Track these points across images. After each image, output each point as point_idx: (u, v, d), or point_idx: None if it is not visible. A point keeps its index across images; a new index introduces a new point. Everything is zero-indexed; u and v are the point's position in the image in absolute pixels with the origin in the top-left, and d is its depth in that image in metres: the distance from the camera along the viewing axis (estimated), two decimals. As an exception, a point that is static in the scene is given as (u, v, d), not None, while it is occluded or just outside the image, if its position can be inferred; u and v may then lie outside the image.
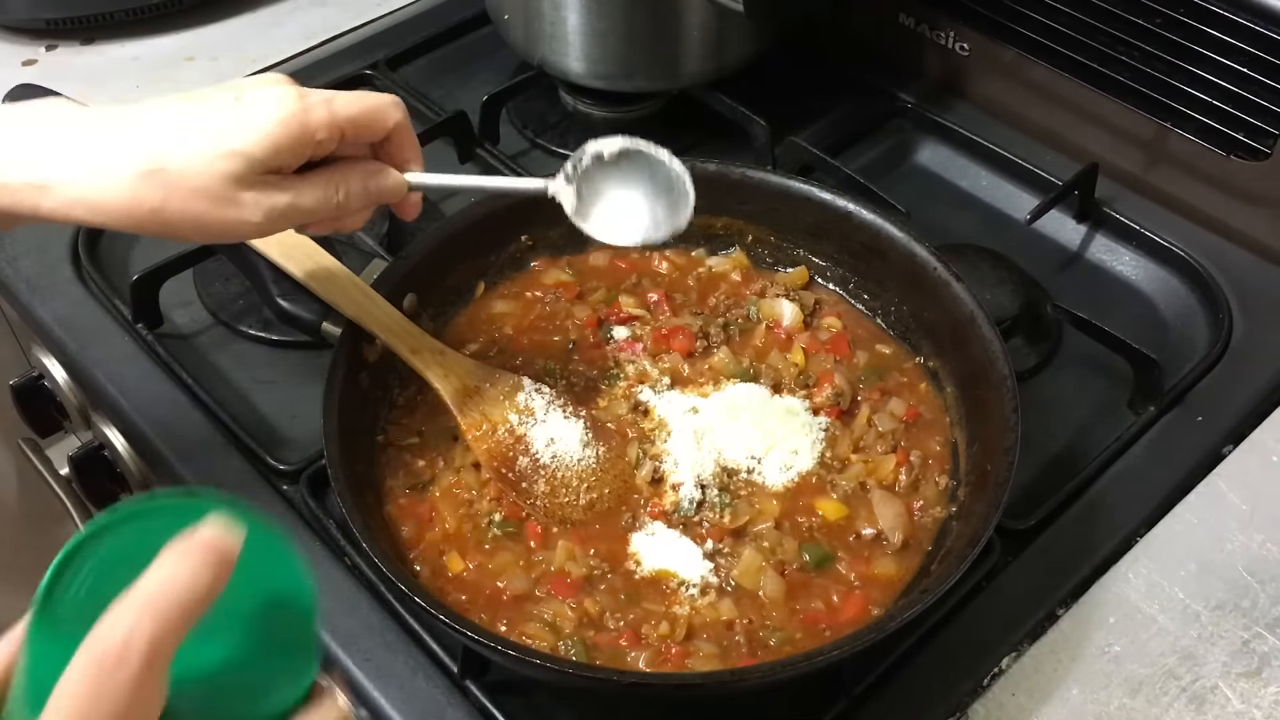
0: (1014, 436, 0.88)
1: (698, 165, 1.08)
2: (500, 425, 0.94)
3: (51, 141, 0.76)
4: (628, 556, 0.91)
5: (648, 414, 0.99)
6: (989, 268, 1.14)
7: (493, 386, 0.96)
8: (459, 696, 0.88)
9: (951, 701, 0.88)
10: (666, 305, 1.08)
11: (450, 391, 0.94)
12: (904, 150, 1.35)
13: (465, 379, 0.95)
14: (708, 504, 0.93)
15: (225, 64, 1.44)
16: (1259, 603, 0.93)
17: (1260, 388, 1.08)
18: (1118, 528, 0.98)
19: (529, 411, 0.96)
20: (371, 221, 1.18)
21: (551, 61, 1.30)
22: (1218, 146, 1.17)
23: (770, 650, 0.85)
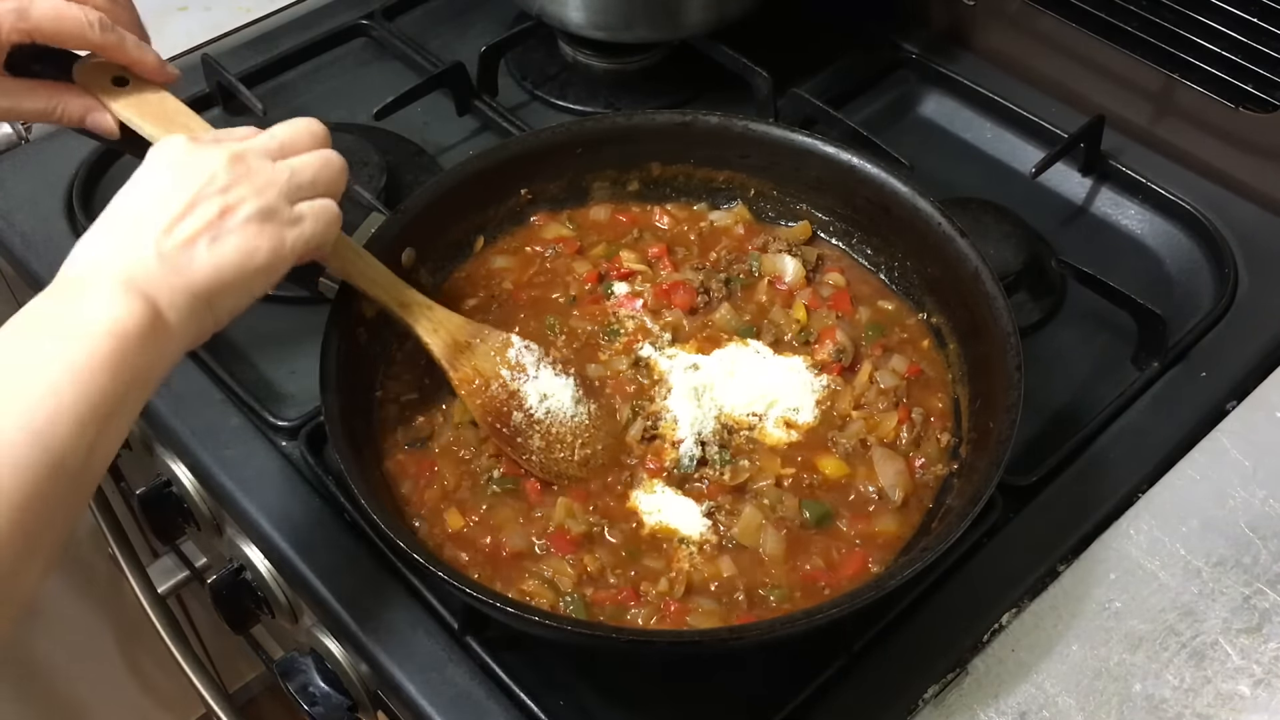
0: (1017, 393, 0.87)
1: (699, 118, 1.08)
2: (493, 380, 0.94)
3: None
4: (628, 513, 0.91)
5: (648, 370, 0.99)
6: (993, 222, 1.13)
7: (483, 342, 0.95)
8: (459, 652, 0.88)
9: (952, 657, 0.88)
10: (667, 260, 1.07)
11: (440, 345, 0.93)
12: (908, 102, 1.34)
13: (455, 334, 0.94)
14: (708, 461, 0.93)
15: (219, 13, 1.42)
16: (1260, 559, 0.93)
17: (1265, 344, 1.08)
18: (1120, 484, 0.98)
19: (520, 368, 0.95)
20: (370, 175, 1.17)
21: (550, 12, 1.28)
22: (1226, 98, 1.16)
23: (770, 608, 0.85)
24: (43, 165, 1.23)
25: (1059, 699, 0.85)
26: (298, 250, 0.81)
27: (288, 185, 0.81)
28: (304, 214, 0.81)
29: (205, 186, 0.77)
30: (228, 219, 0.76)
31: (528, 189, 1.08)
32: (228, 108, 1.30)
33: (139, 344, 0.70)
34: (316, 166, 0.84)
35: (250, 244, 0.77)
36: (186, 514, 1.14)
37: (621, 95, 1.34)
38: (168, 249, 0.74)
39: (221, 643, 1.67)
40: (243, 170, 0.79)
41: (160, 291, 0.73)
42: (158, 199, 0.76)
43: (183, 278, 0.74)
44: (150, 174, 0.79)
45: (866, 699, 0.86)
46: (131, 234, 0.75)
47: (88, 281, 0.72)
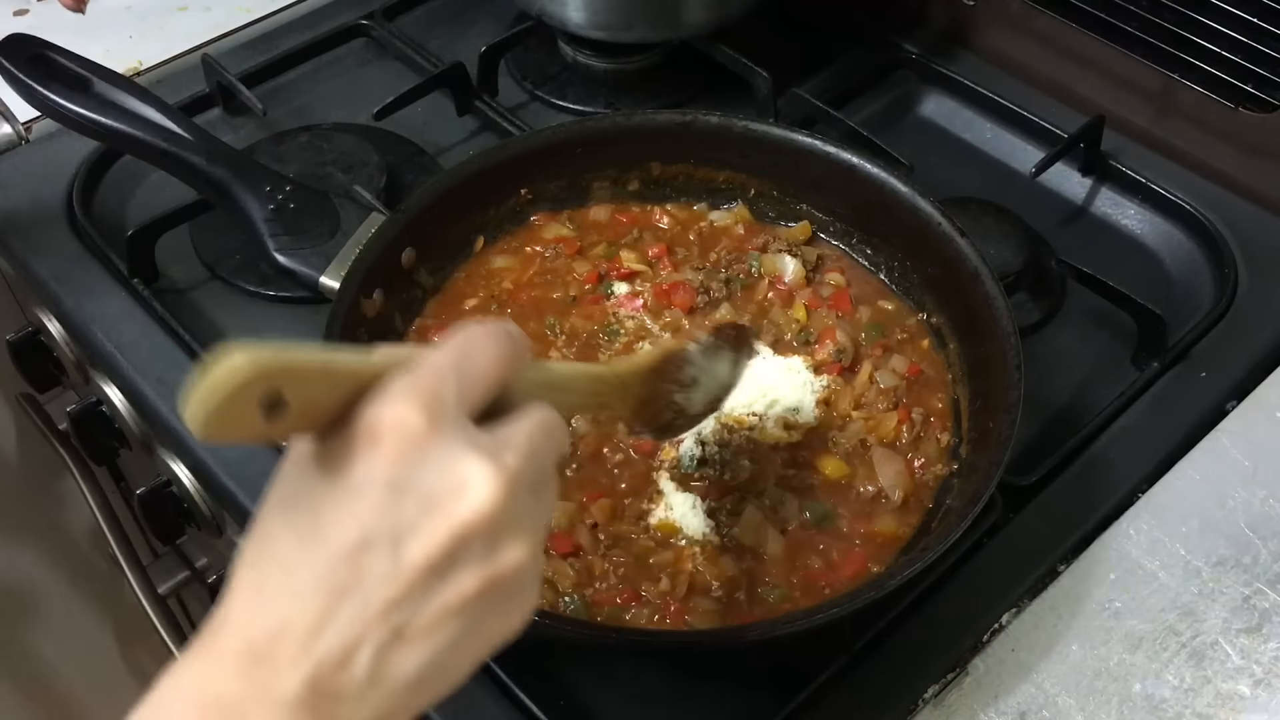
0: (1016, 393, 0.87)
1: (699, 118, 1.08)
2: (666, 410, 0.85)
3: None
4: (628, 512, 0.91)
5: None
6: (993, 222, 1.13)
7: (666, 382, 0.84)
8: (459, 652, 0.88)
9: (951, 657, 0.88)
10: (667, 260, 1.08)
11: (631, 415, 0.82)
12: (908, 102, 1.34)
13: (643, 392, 0.82)
14: (708, 461, 0.93)
15: (219, 13, 1.42)
16: (1260, 559, 0.93)
17: (1264, 344, 1.08)
18: (1120, 484, 0.98)
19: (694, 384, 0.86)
20: (370, 175, 1.17)
21: (550, 11, 1.28)
22: (1226, 98, 1.16)
23: (770, 607, 0.86)
24: (43, 165, 1.23)
25: (1059, 699, 0.85)
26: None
27: (545, 531, 0.54)
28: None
29: (468, 538, 0.48)
30: (486, 599, 0.49)
31: (528, 189, 1.08)
32: (228, 108, 1.30)
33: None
34: (555, 497, 0.57)
35: (504, 631, 0.52)
36: (186, 514, 1.14)
37: (621, 95, 1.34)
38: (391, 651, 0.47)
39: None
40: (513, 504, 0.50)
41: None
42: (384, 537, 0.47)
43: (396, 701, 0.48)
44: (373, 468, 0.48)
45: (866, 699, 0.86)
46: (339, 593, 0.47)
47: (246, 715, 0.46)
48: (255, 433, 0.48)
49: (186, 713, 0.47)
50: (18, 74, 1.01)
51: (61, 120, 1.03)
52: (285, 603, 0.47)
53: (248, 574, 0.49)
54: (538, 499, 0.52)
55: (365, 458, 0.48)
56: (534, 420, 0.54)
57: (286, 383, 0.48)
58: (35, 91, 1.01)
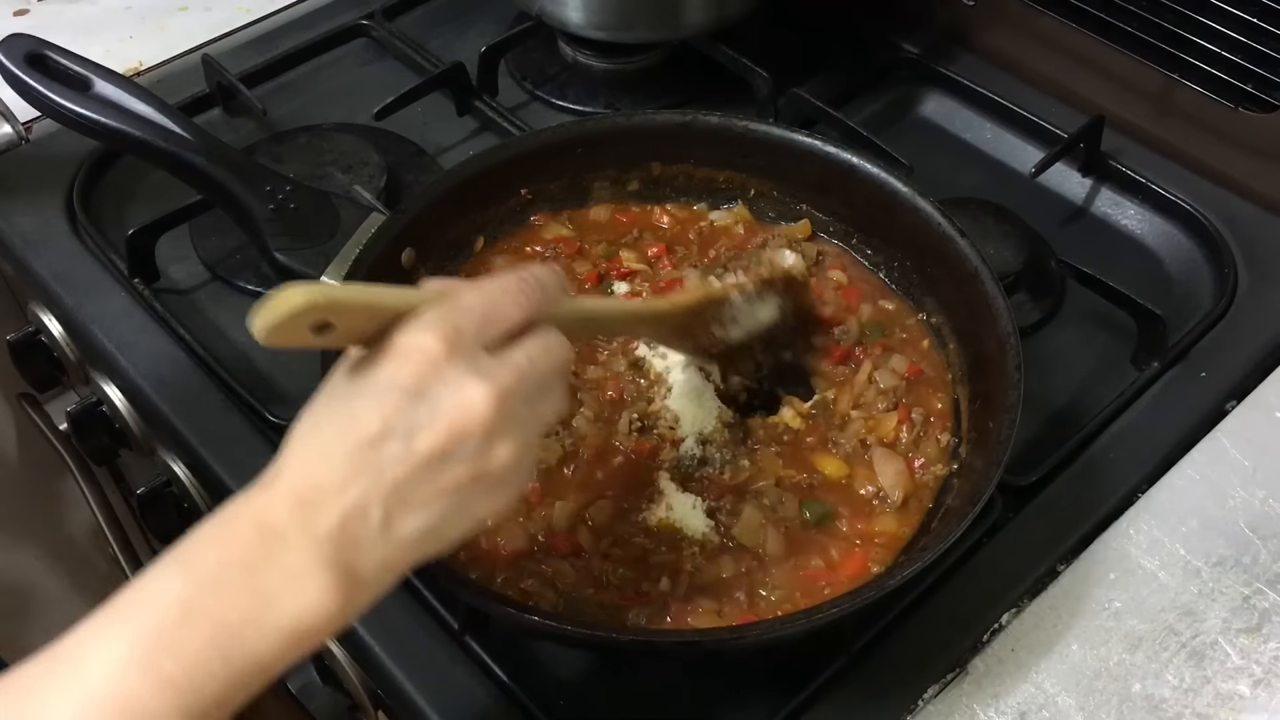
0: (1016, 393, 0.87)
1: (699, 118, 1.08)
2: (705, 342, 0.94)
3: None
4: (628, 512, 0.91)
5: (645, 371, 0.99)
6: (993, 222, 1.13)
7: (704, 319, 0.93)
8: (460, 652, 0.88)
9: (951, 657, 0.88)
10: (667, 260, 1.07)
11: (668, 343, 0.93)
12: (908, 102, 1.34)
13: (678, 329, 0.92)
14: (708, 460, 0.93)
15: (219, 13, 1.42)
16: (1260, 559, 0.93)
17: (1264, 344, 1.08)
18: (1119, 484, 0.98)
19: (733, 322, 0.95)
20: (370, 175, 1.17)
21: (550, 12, 1.28)
22: (1226, 98, 1.16)
23: (770, 607, 0.85)
24: (43, 165, 1.23)
25: (1059, 699, 0.85)
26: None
27: (537, 436, 0.68)
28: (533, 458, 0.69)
29: (463, 439, 0.62)
30: (474, 487, 0.63)
31: (528, 189, 1.08)
32: (228, 108, 1.30)
33: (313, 638, 0.60)
34: (556, 411, 0.70)
35: (485, 510, 0.65)
36: (186, 514, 1.14)
37: (621, 95, 1.34)
38: (397, 512, 0.61)
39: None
40: (505, 417, 0.63)
41: (367, 567, 0.61)
42: (399, 431, 0.61)
43: (400, 549, 0.62)
44: (393, 384, 0.62)
45: (866, 699, 0.86)
46: (363, 465, 0.61)
47: (288, 538, 0.59)
48: (307, 343, 0.62)
49: (245, 530, 0.61)
50: (18, 74, 1.01)
51: (61, 120, 1.03)
52: (324, 467, 0.61)
53: (298, 444, 0.63)
54: (531, 407, 0.66)
55: (393, 369, 0.62)
56: (534, 343, 0.67)
57: (333, 314, 0.61)
58: (35, 91, 1.01)
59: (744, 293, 0.95)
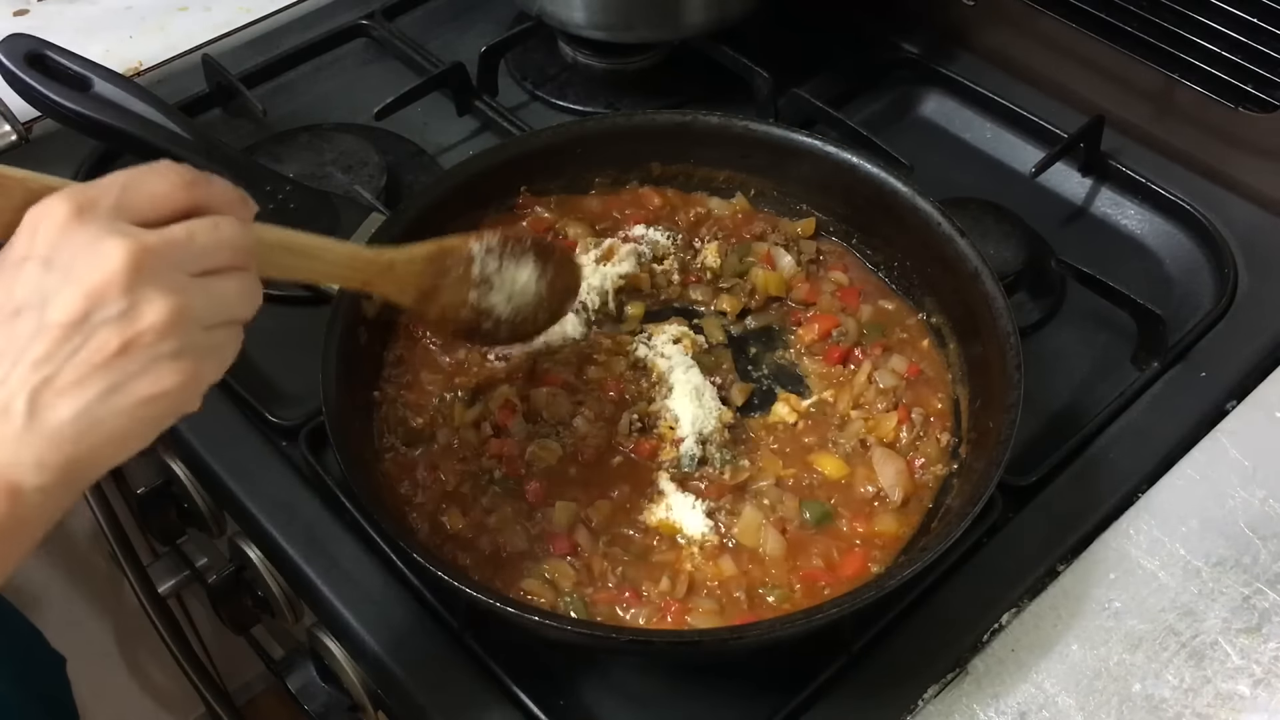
0: (1016, 393, 0.87)
1: (699, 118, 1.08)
2: (461, 308, 0.88)
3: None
4: (628, 512, 0.91)
5: (646, 371, 0.99)
6: (993, 222, 1.13)
7: (446, 276, 0.87)
8: (459, 651, 0.88)
9: (951, 657, 0.88)
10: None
11: (412, 305, 0.87)
12: (908, 102, 1.34)
13: (420, 283, 0.86)
14: (708, 460, 0.93)
15: (219, 13, 1.42)
16: (1260, 559, 0.93)
17: (1264, 344, 1.08)
18: (1119, 484, 0.98)
19: (486, 281, 0.89)
20: (370, 175, 1.17)
21: (551, 12, 1.28)
22: (1226, 98, 1.16)
23: (770, 607, 0.86)
24: (43, 165, 1.20)
25: (1059, 699, 0.85)
26: (208, 386, 0.63)
27: (204, 311, 0.61)
28: (220, 344, 0.63)
29: (101, 298, 0.56)
30: (130, 359, 0.57)
31: (528, 189, 1.08)
32: (228, 108, 1.30)
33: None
34: (236, 293, 0.63)
35: (153, 392, 0.58)
36: (186, 514, 1.14)
37: (621, 95, 1.34)
38: (43, 398, 0.56)
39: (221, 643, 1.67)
40: (151, 279, 0.58)
41: (23, 468, 0.56)
42: (33, 303, 0.57)
43: (59, 446, 0.57)
44: (23, 258, 0.58)
45: (866, 699, 0.86)
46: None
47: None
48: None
49: None
50: (18, 74, 1.01)
51: (61, 120, 1.03)
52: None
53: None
54: (194, 279, 0.60)
55: (21, 242, 0.58)
56: (198, 219, 0.61)
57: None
58: (35, 91, 1.01)
59: (488, 246, 0.87)
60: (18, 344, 0.56)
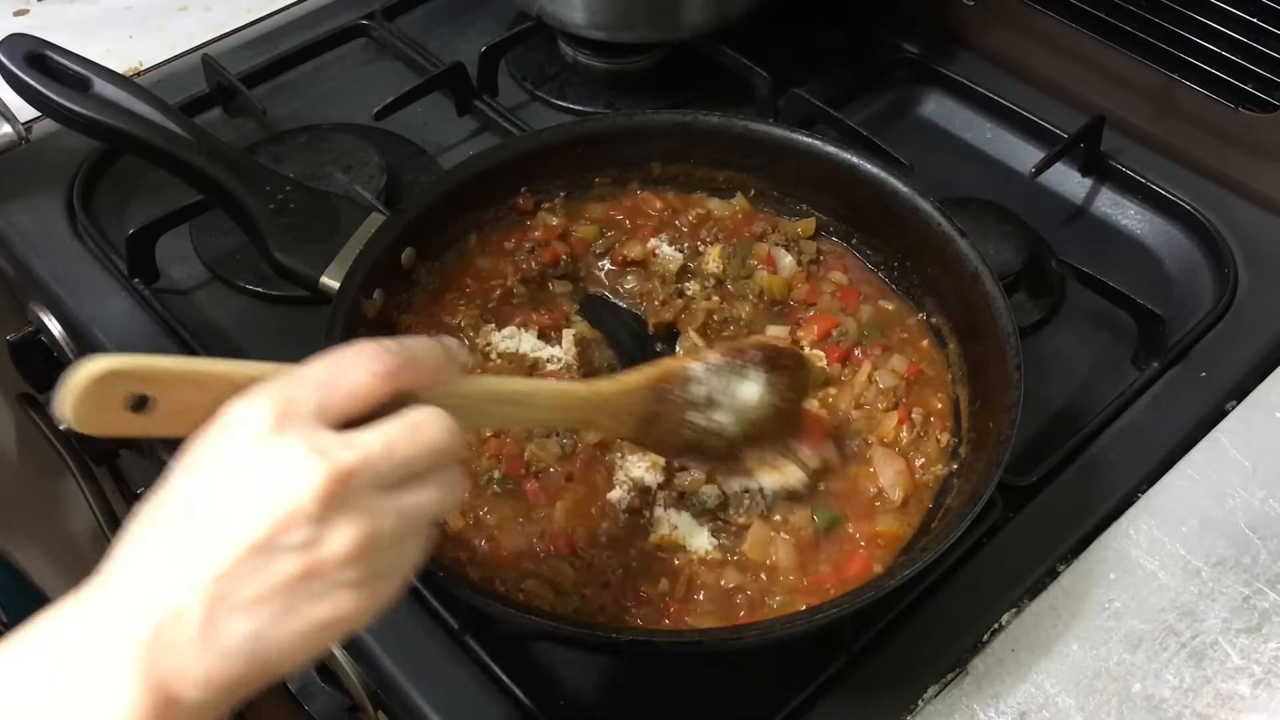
0: (1016, 394, 0.87)
1: (699, 118, 1.08)
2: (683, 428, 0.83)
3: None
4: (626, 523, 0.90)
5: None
6: (993, 222, 1.13)
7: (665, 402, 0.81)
8: (459, 651, 0.88)
9: (951, 657, 0.88)
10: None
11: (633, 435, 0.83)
12: (907, 102, 1.34)
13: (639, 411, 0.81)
14: (731, 503, 0.90)
15: (219, 13, 1.42)
16: (1260, 559, 0.93)
17: (1264, 344, 1.08)
18: (1119, 484, 0.98)
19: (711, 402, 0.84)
20: (370, 175, 1.17)
21: (551, 12, 1.28)
22: (1226, 98, 1.16)
23: (771, 609, 0.85)
24: (43, 165, 1.23)
25: (1059, 699, 0.85)
26: (386, 606, 0.59)
27: (393, 534, 0.57)
28: (400, 562, 0.59)
29: (289, 525, 0.54)
30: (309, 586, 0.55)
31: (528, 189, 1.08)
32: (228, 108, 1.30)
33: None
34: (436, 502, 0.60)
35: (329, 617, 0.55)
36: (186, 514, 1.14)
37: (621, 95, 1.34)
38: (219, 614, 0.53)
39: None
40: (343, 502, 0.55)
41: (188, 682, 0.53)
42: (218, 514, 0.54)
43: (229, 664, 0.54)
44: (216, 460, 0.55)
45: (866, 699, 0.86)
46: (176, 556, 0.54)
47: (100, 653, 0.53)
48: (126, 426, 0.56)
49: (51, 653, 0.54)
50: (18, 74, 1.01)
51: (61, 120, 1.03)
52: (141, 561, 0.55)
53: (126, 538, 0.57)
54: (388, 495, 0.57)
55: (213, 446, 0.56)
56: (398, 422, 0.58)
57: (146, 385, 0.55)
58: (35, 91, 1.01)
59: (706, 363, 0.82)
60: (199, 552, 0.53)
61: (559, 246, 1.06)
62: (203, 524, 0.54)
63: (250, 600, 0.54)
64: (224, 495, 0.54)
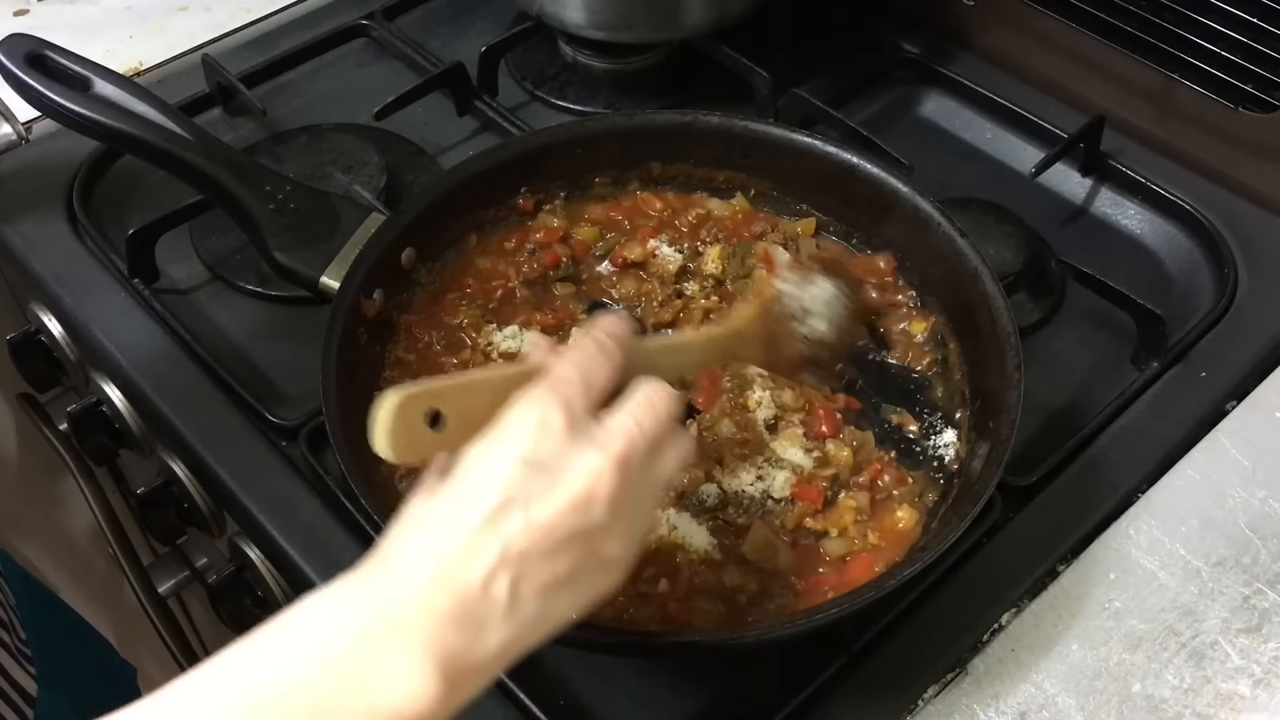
0: (1016, 393, 0.87)
1: (699, 118, 1.08)
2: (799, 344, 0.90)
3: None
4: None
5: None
6: (993, 222, 1.13)
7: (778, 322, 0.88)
8: (459, 652, 0.88)
9: (951, 657, 0.88)
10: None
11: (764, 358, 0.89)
12: (908, 102, 1.34)
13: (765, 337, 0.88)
14: (730, 502, 0.91)
15: (219, 13, 1.42)
16: (1260, 559, 0.93)
17: (1264, 344, 1.08)
18: (1119, 484, 0.98)
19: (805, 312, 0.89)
20: (370, 175, 1.17)
21: (550, 12, 1.28)
22: (1226, 98, 1.16)
23: (771, 609, 0.85)
24: (43, 165, 1.23)
25: (1059, 699, 0.85)
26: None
27: (653, 503, 0.67)
28: (646, 525, 0.67)
29: (585, 510, 0.60)
30: (590, 562, 0.61)
31: (528, 189, 1.08)
32: (228, 108, 1.30)
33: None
34: (675, 467, 0.67)
35: (599, 587, 0.63)
36: (186, 514, 1.14)
37: (621, 95, 1.34)
38: (520, 590, 0.58)
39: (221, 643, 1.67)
40: (621, 486, 0.62)
41: (483, 651, 0.58)
42: (520, 500, 0.59)
43: (521, 638, 0.60)
44: (513, 455, 0.61)
45: (866, 699, 0.86)
46: (485, 537, 0.58)
47: (387, 637, 0.56)
48: (430, 443, 0.63)
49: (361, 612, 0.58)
50: (18, 74, 1.01)
51: (61, 120, 1.03)
52: (442, 539, 0.59)
53: (407, 526, 0.61)
54: (645, 472, 0.64)
55: (510, 443, 0.61)
56: (637, 401, 0.65)
57: (437, 400, 0.63)
58: (35, 91, 1.01)
59: (786, 280, 0.90)
60: (503, 535, 0.58)
61: (560, 249, 1.06)
62: (510, 505, 0.59)
63: (545, 577, 0.59)
64: (524, 482, 0.60)
